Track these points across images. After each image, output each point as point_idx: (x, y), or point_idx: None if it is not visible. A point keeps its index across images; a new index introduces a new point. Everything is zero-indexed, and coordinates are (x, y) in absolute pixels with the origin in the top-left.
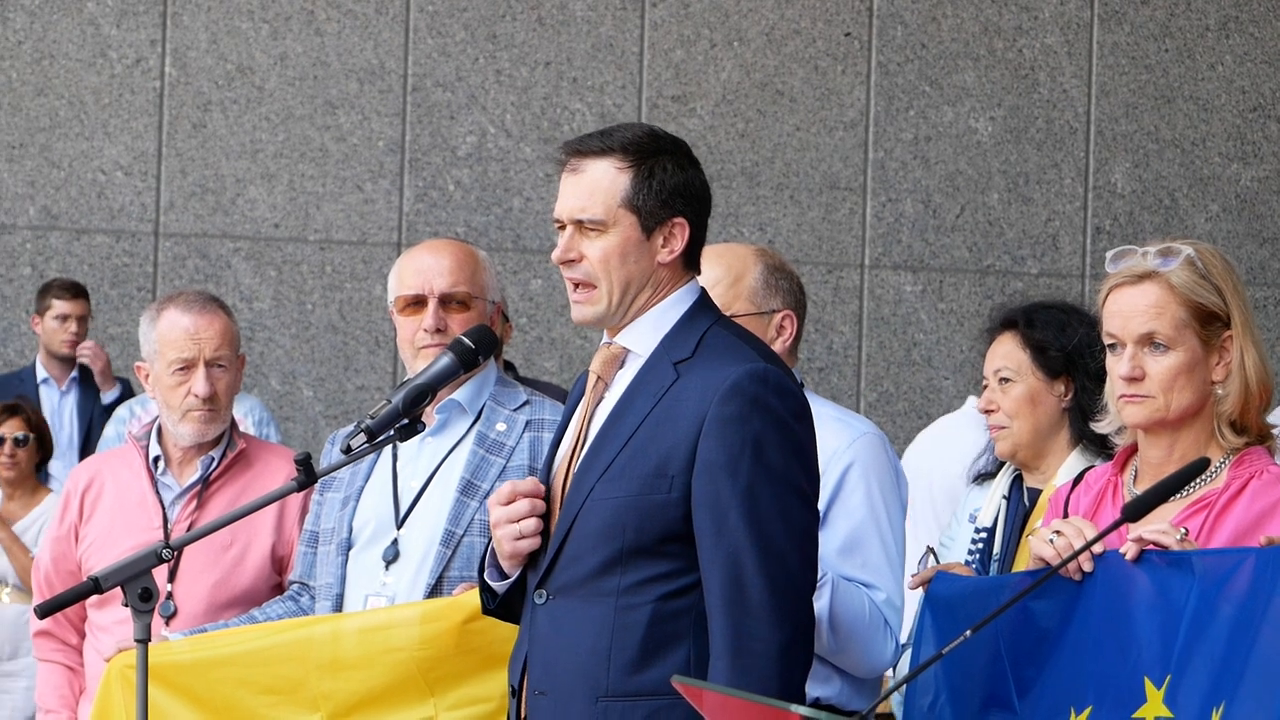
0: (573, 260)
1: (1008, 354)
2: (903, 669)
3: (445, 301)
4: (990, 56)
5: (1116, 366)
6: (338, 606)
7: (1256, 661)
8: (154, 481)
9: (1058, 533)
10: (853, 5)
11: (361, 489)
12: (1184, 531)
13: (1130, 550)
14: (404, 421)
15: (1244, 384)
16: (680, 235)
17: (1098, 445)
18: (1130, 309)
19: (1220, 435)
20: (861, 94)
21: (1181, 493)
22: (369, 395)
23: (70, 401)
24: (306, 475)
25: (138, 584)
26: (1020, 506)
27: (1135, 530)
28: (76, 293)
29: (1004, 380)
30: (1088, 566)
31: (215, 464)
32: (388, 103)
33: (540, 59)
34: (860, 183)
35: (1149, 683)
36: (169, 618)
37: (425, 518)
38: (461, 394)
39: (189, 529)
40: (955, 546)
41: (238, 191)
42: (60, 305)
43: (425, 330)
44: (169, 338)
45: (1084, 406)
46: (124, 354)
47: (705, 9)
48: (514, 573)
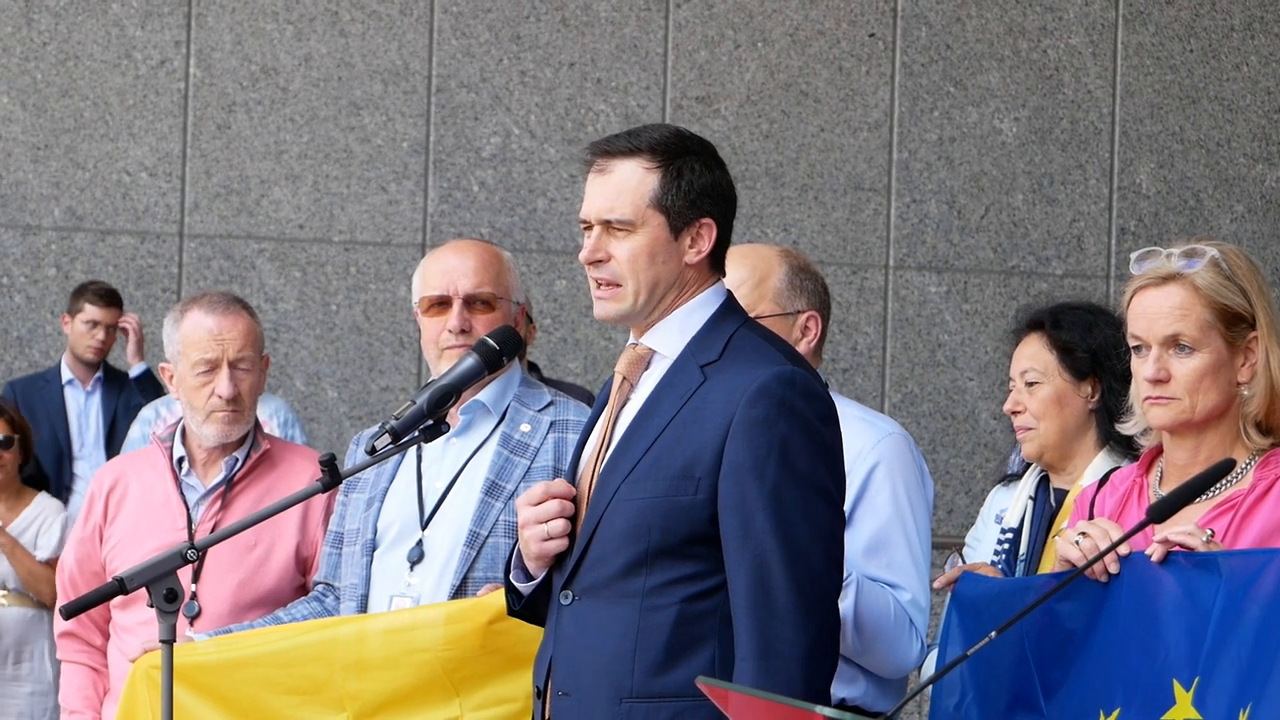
0: (600, 260)
1: (1034, 355)
2: (928, 669)
3: (470, 302)
4: (1015, 57)
5: (1142, 368)
6: (362, 607)
7: None
8: (178, 482)
9: (1084, 534)
10: (877, 6)
11: (386, 490)
12: (1210, 533)
13: (1156, 552)
14: (428, 422)
15: (1269, 385)
16: (707, 236)
17: (1124, 446)
18: (1155, 311)
19: (1246, 436)
20: (886, 95)
21: (1207, 494)
22: (393, 396)
23: (95, 402)
24: (331, 476)
25: (163, 585)
26: (1046, 507)
27: (1161, 532)
28: (111, 301)
29: (1030, 382)
30: (1114, 568)
31: (239, 465)
32: (412, 104)
33: (564, 60)
34: (885, 183)
35: (1177, 685)
36: (193, 618)
37: (450, 518)
38: (486, 395)
39: (213, 529)
40: (981, 547)
41: (262, 192)
42: (93, 311)
43: (450, 331)
44: (193, 339)
45: (1110, 407)
46: (149, 355)
47: (729, 10)
48: (540, 574)
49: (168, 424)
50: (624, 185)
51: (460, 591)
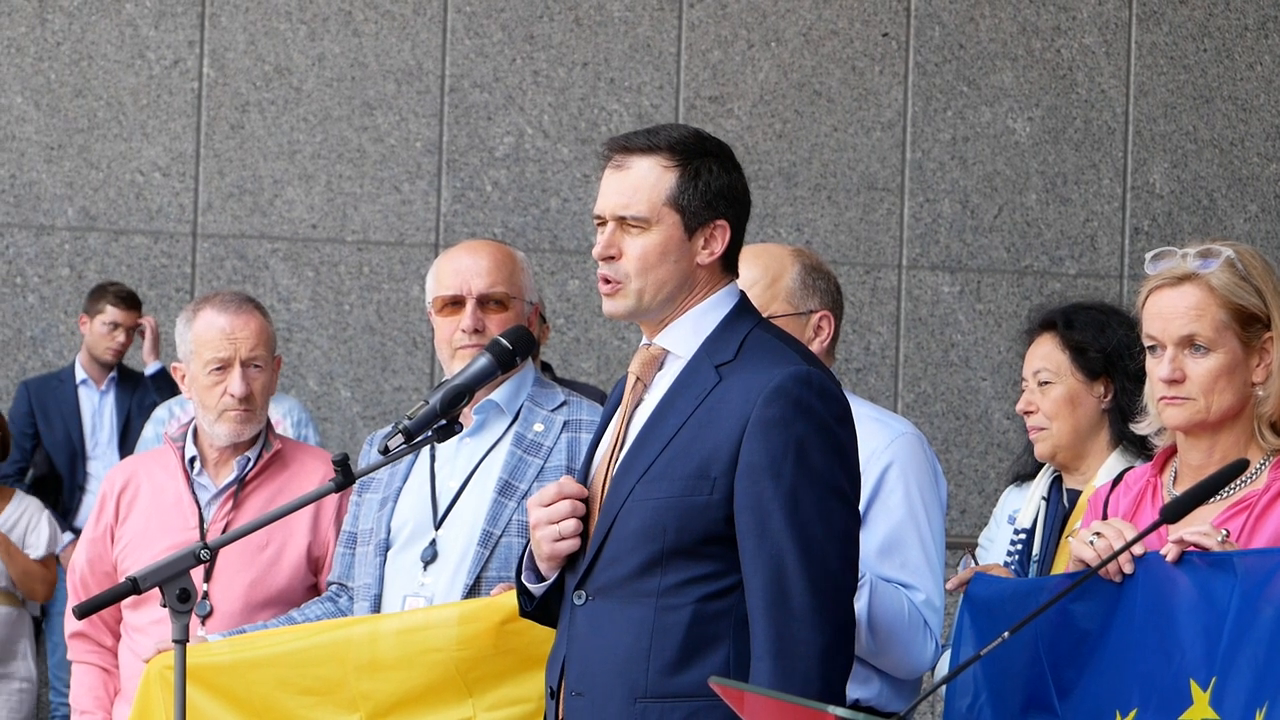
0: (611, 257)
1: (1047, 355)
2: (942, 670)
3: (483, 302)
4: (1028, 57)
5: (1156, 368)
6: (376, 607)
7: None
8: (190, 482)
9: (1098, 534)
10: (890, 5)
11: (400, 490)
12: (1225, 533)
13: (1171, 552)
14: (441, 422)
15: None
16: (721, 238)
17: (1138, 446)
18: (1170, 311)
19: (1260, 437)
20: (899, 94)
21: (1222, 494)
22: (406, 396)
23: (109, 401)
24: (344, 476)
25: (176, 584)
26: (1060, 508)
27: (1176, 532)
28: (131, 303)
29: (1043, 382)
30: (1128, 568)
31: (251, 464)
32: (425, 103)
33: (577, 60)
34: (898, 183)
35: (1194, 685)
36: (204, 617)
37: (463, 518)
38: (499, 395)
39: (225, 529)
40: (994, 548)
41: (275, 192)
42: (114, 313)
43: (463, 331)
44: (205, 338)
45: (1123, 407)
46: (162, 355)
47: (743, 9)
48: (552, 575)
49: (180, 423)
50: (641, 182)
51: (474, 591)
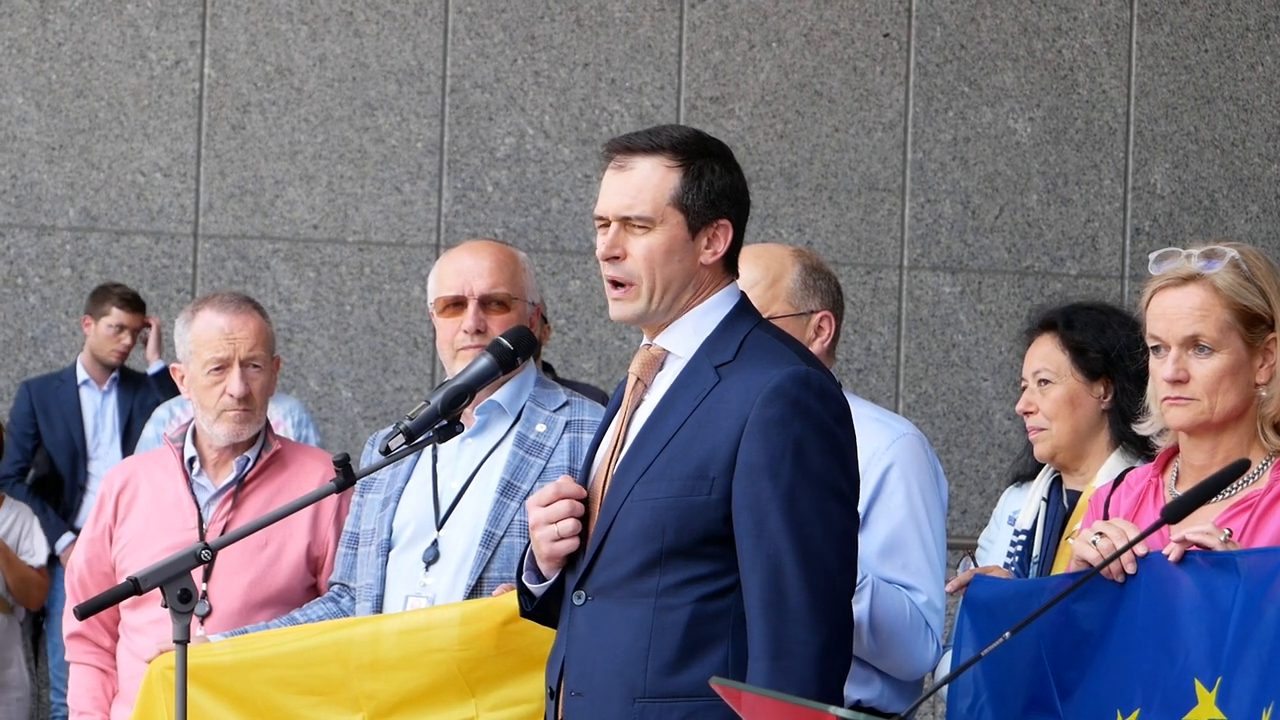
0: (616, 257)
1: (1047, 355)
2: (943, 671)
3: (485, 303)
4: (1029, 57)
5: (1160, 369)
6: (378, 607)
7: None
8: (189, 482)
9: (1100, 534)
10: (891, 6)
11: (402, 490)
12: (1227, 533)
13: (1173, 552)
14: (442, 423)
15: None
16: (723, 238)
17: (1137, 447)
18: (1174, 311)
19: (1263, 437)
20: (900, 95)
21: (1224, 494)
22: (407, 397)
23: (111, 402)
24: (345, 476)
25: (177, 585)
26: (1060, 508)
27: (1178, 531)
28: (136, 305)
29: (1043, 382)
30: (1130, 568)
31: (251, 465)
32: (426, 104)
33: (579, 60)
34: (899, 184)
35: (1199, 685)
36: (203, 617)
37: (465, 518)
38: (501, 395)
39: (224, 529)
40: (994, 549)
41: (276, 193)
42: (119, 315)
43: (465, 332)
44: (204, 338)
45: (1123, 408)
46: (163, 355)
47: (744, 10)
48: (552, 575)
49: (180, 424)
50: (644, 182)
51: (475, 591)
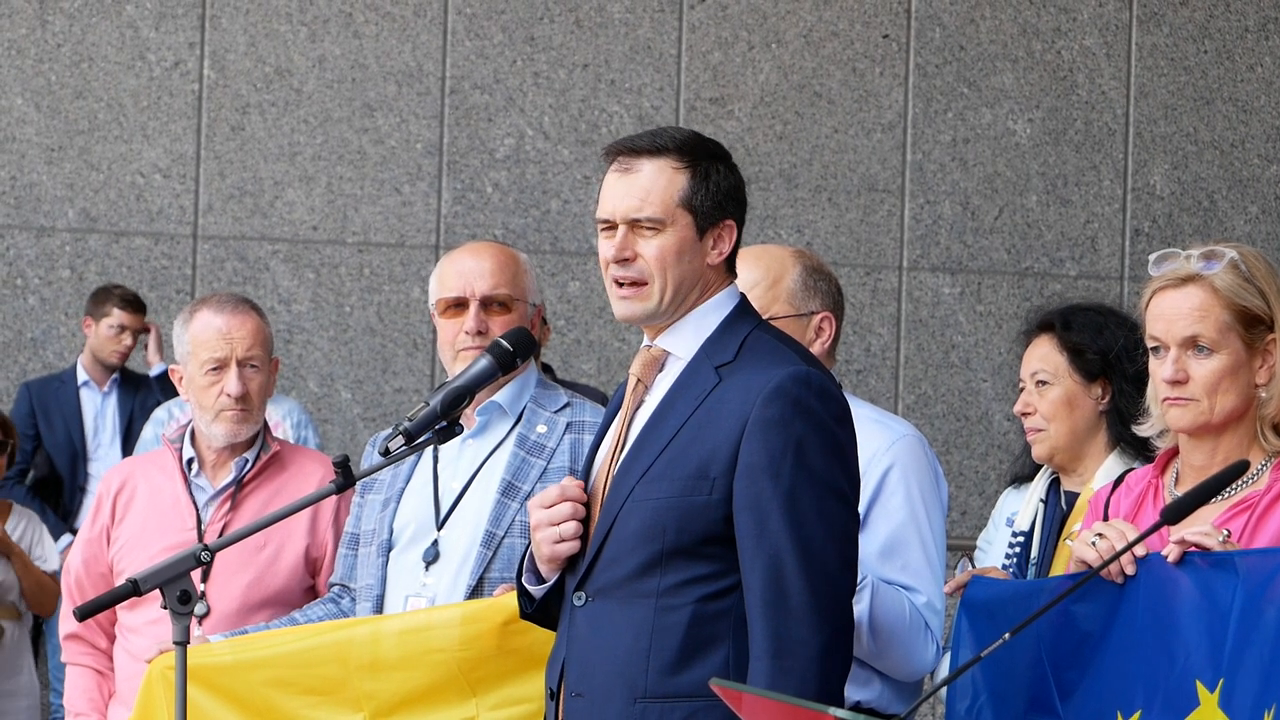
0: (627, 259)
1: (1044, 356)
2: (942, 672)
3: (486, 304)
4: (1029, 58)
5: (1160, 369)
6: (378, 608)
7: None
8: (187, 483)
9: (1100, 535)
10: (891, 7)
11: (402, 490)
12: (1226, 533)
13: (1172, 553)
14: (442, 424)
15: None
16: (728, 238)
17: (1135, 448)
18: (1174, 312)
19: (1263, 438)
20: (899, 96)
21: (1223, 495)
22: (407, 398)
23: (111, 403)
24: (345, 478)
25: (177, 586)
26: (1057, 510)
27: (1177, 532)
28: (137, 307)
29: (1041, 383)
30: (1130, 569)
31: (249, 466)
32: (426, 105)
33: (578, 61)
34: (898, 184)
35: (1201, 686)
36: (201, 618)
37: (466, 519)
38: (502, 396)
39: (222, 531)
40: (993, 550)
41: (276, 194)
42: (120, 316)
43: (466, 333)
44: (201, 338)
45: (1121, 409)
46: (164, 358)
47: (743, 11)
48: (552, 577)
49: (179, 425)
50: (653, 184)
51: (476, 592)
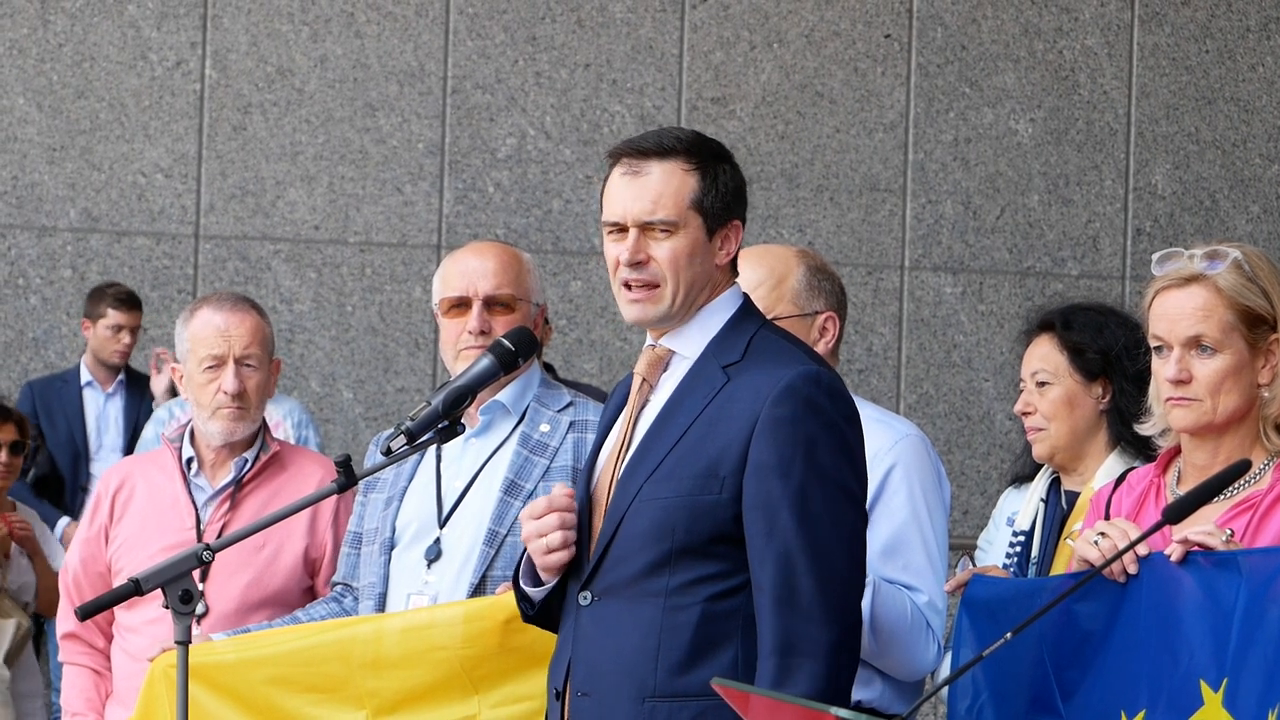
0: (640, 262)
1: (1045, 356)
2: (944, 672)
3: (489, 304)
4: (1030, 58)
5: (1163, 369)
6: (380, 606)
7: None
8: (187, 483)
9: (1102, 534)
10: (892, 7)
11: (405, 489)
12: (1229, 533)
13: (1175, 552)
14: (444, 423)
15: None
16: (735, 238)
17: (1136, 447)
18: (1177, 312)
19: (1265, 438)
20: (901, 95)
21: (1225, 494)
22: (409, 397)
23: (116, 404)
24: (346, 477)
25: (178, 586)
26: (1058, 509)
27: (1180, 532)
28: (133, 305)
29: (1041, 383)
30: (1132, 569)
31: (249, 466)
32: (427, 105)
33: (580, 61)
34: (900, 184)
35: (1205, 685)
36: (200, 617)
37: (468, 517)
38: (505, 395)
39: (221, 531)
40: (993, 550)
41: (278, 194)
42: (116, 315)
43: (469, 332)
44: (201, 336)
45: (1122, 409)
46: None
47: (745, 11)
48: (551, 581)
49: (179, 424)
50: (664, 187)
51: (479, 590)
